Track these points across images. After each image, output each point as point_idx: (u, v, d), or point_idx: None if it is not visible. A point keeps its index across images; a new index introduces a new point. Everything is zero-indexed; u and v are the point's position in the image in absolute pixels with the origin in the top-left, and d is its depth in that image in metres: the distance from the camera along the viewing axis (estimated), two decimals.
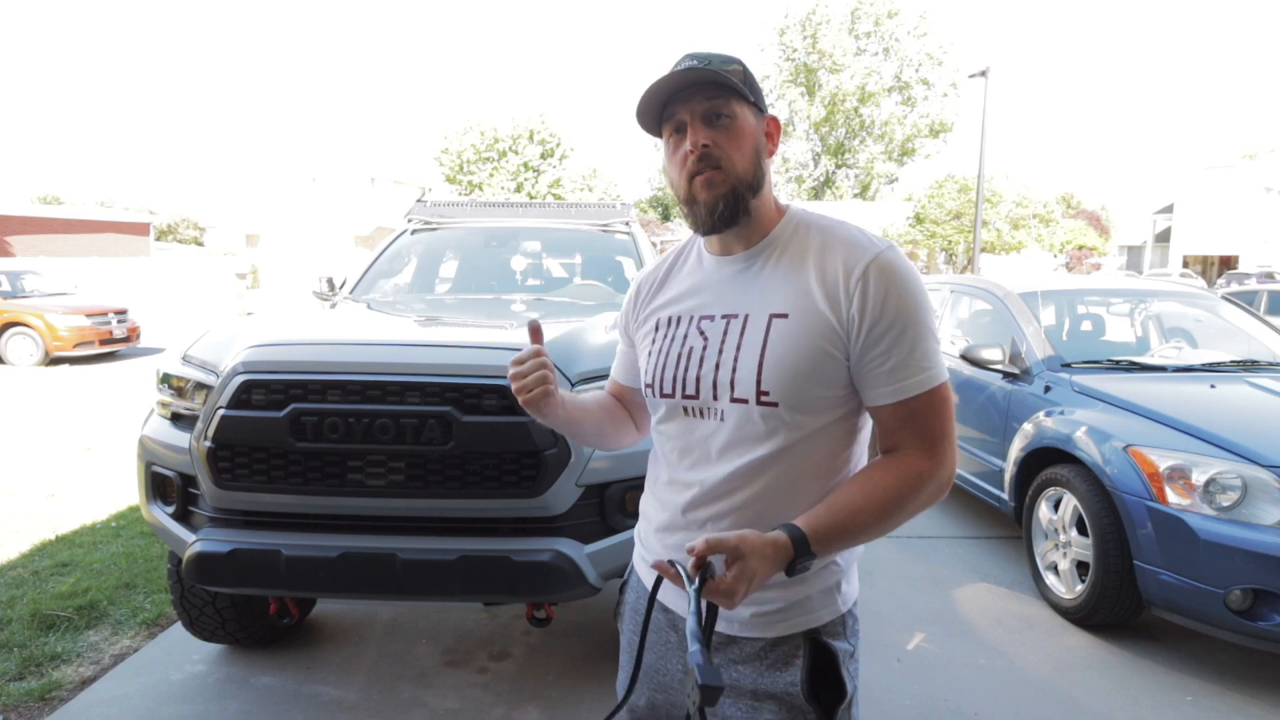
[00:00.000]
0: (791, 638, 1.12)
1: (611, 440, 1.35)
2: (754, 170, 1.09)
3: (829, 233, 1.12)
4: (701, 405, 1.12)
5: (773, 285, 1.10)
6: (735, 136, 1.08)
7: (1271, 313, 10.74)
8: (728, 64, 1.09)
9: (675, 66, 1.09)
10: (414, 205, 4.80)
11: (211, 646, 3.07)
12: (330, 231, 33.74)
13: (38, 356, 11.22)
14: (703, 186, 1.08)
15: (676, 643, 1.19)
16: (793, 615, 1.11)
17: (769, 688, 1.11)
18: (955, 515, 4.82)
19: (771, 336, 1.07)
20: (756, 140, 1.11)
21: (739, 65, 1.11)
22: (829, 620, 1.13)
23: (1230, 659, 3.09)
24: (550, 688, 2.81)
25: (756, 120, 1.11)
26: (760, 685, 1.12)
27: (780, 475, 1.09)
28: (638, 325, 1.27)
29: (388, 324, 3.18)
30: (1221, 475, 2.87)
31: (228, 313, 18.16)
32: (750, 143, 1.09)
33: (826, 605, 1.13)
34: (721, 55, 1.10)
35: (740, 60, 1.12)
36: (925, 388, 1.05)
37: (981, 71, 21.55)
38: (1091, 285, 5.38)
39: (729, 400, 1.09)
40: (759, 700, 1.11)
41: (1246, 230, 37.22)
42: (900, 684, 2.87)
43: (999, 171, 35.80)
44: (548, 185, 32.50)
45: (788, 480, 1.09)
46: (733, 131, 1.08)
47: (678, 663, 1.19)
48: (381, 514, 2.29)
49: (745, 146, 1.09)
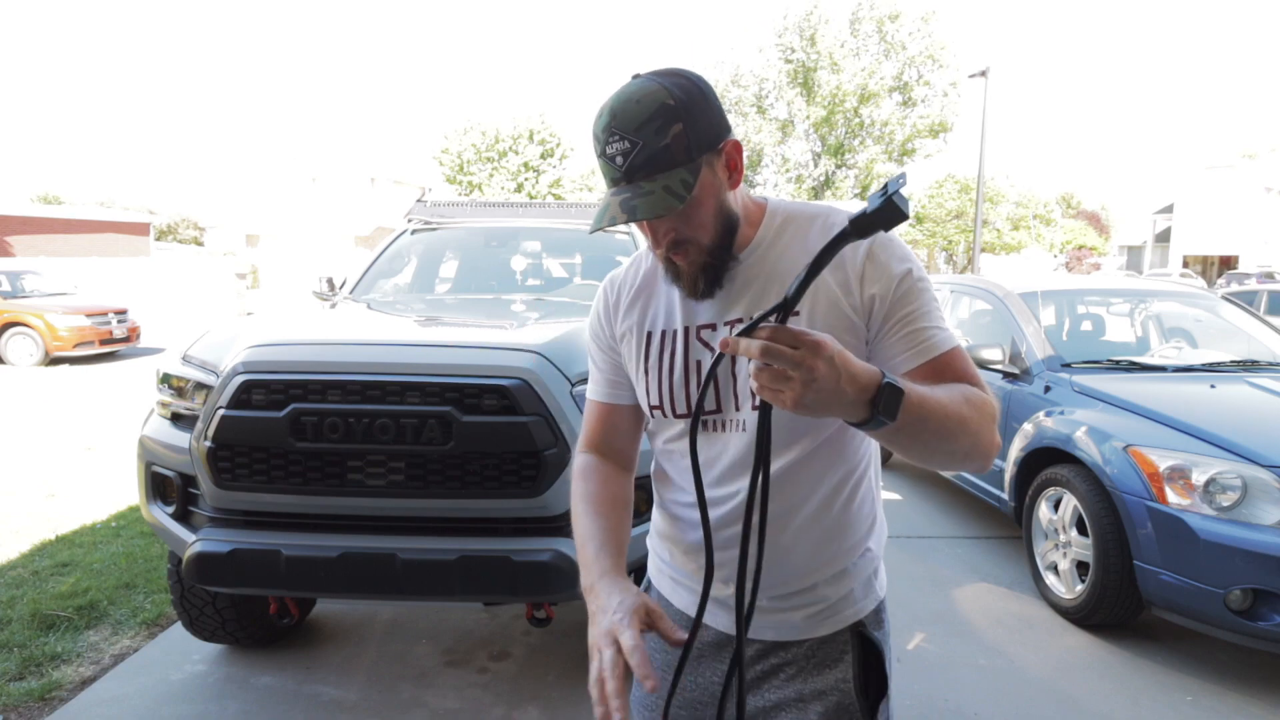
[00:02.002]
0: (839, 634, 1.12)
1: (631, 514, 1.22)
2: (724, 227, 1.03)
3: (817, 219, 1.08)
4: (723, 418, 1.08)
5: (772, 285, 1.06)
6: (695, 214, 1.00)
7: (1271, 313, 10.73)
8: (664, 132, 0.93)
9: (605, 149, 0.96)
10: (414, 205, 4.81)
11: (211, 646, 3.07)
12: (330, 231, 33.74)
13: (38, 356, 11.22)
14: (680, 259, 1.04)
15: (710, 654, 1.18)
16: (840, 609, 1.12)
17: (818, 686, 1.11)
18: (955, 515, 4.82)
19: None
20: (717, 196, 1.01)
21: (678, 122, 0.94)
22: (871, 609, 1.14)
23: (1230, 659, 3.09)
24: (550, 688, 2.81)
25: (713, 168, 0.99)
26: (808, 687, 1.11)
27: (811, 473, 1.07)
28: (620, 336, 1.19)
29: (388, 324, 3.18)
30: (1221, 475, 2.87)
31: (228, 313, 18.16)
32: (711, 207, 1.01)
33: (868, 594, 1.14)
34: (654, 121, 0.93)
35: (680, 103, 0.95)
36: (950, 344, 1.01)
37: (981, 71, 21.54)
38: (1091, 285, 5.38)
39: (751, 408, 1.05)
40: (805, 701, 1.11)
41: (1246, 230, 37.22)
42: (900, 684, 2.87)
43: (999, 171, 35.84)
44: (548, 185, 32.48)
45: (817, 477, 1.08)
46: (691, 212, 0.99)
47: (710, 674, 1.18)
48: (381, 514, 2.29)
49: (707, 218, 1.01)
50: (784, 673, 1.13)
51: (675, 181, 0.95)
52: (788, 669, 1.13)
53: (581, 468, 1.22)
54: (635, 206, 0.94)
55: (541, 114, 33.06)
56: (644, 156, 0.94)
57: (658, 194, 0.94)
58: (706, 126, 0.98)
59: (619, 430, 1.23)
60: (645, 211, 0.93)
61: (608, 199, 0.98)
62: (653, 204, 0.94)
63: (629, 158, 0.94)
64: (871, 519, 1.15)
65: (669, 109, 0.94)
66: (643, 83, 0.96)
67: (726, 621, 1.15)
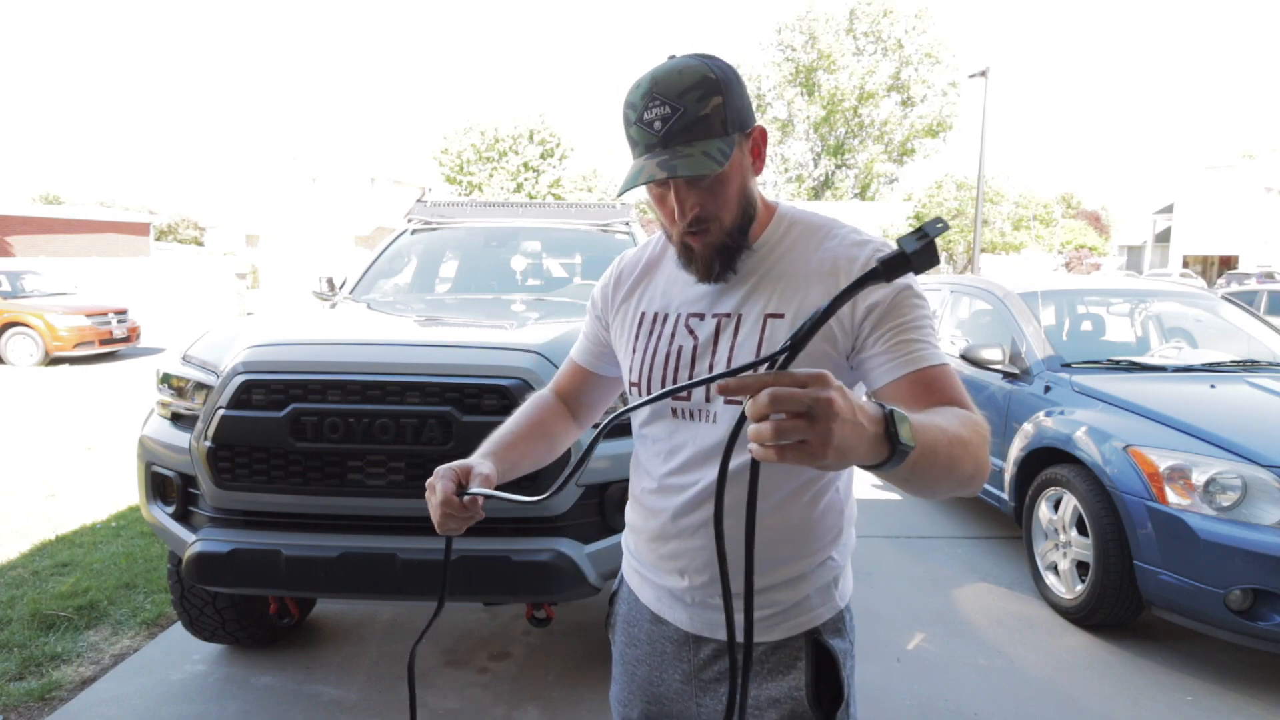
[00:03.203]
0: (793, 640, 1.11)
1: (554, 452, 1.27)
2: (744, 211, 1.05)
3: (822, 231, 1.09)
4: (693, 407, 1.09)
5: (766, 286, 1.07)
6: (723, 190, 1.02)
7: (1271, 313, 10.74)
8: (705, 102, 0.96)
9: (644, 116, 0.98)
10: (414, 205, 4.80)
11: (211, 646, 3.07)
12: (330, 231, 33.75)
13: (38, 356, 11.22)
14: (696, 241, 1.05)
15: (672, 653, 1.18)
16: (794, 615, 1.11)
17: (771, 693, 1.10)
18: (955, 515, 4.82)
19: (767, 337, 1.05)
20: (743, 177, 1.03)
21: (719, 95, 0.97)
22: (829, 618, 1.13)
23: (1230, 659, 3.09)
24: (550, 688, 2.81)
25: (742, 149, 1.02)
26: (763, 692, 1.11)
27: (771, 473, 1.07)
28: (615, 311, 1.22)
29: (388, 324, 3.18)
30: (1221, 475, 2.87)
31: (228, 313, 18.15)
32: (737, 186, 1.03)
33: (825, 602, 1.12)
34: (696, 90, 0.96)
35: (720, 78, 0.98)
36: (939, 360, 1.00)
37: (981, 71, 21.55)
38: (1091, 285, 5.37)
39: (723, 401, 1.06)
40: (761, 708, 1.10)
41: (1246, 230, 37.22)
42: (900, 684, 2.87)
43: (999, 171, 35.82)
44: (548, 185, 32.49)
45: (779, 478, 1.07)
46: (719, 186, 1.01)
47: (673, 673, 1.18)
48: (381, 514, 2.29)
49: (733, 196, 1.03)
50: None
51: (714, 149, 0.97)
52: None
53: (534, 396, 1.32)
54: (675, 166, 0.95)
55: (541, 114, 33.09)
56: (684, 123, 0.96)
57: (697, 157, 0.96)
58: (741, 106, 1.01)
59: (585, 393, 1.32)
60: (686, 169, 0.95)
61: (641, 163, 1.00)
62: (692, 164, 0.95)
63: (669, 122, 0.97)
64: (836, 530, 1.13)
65: (711, 81, 0.97)
66: (685, 59, 1.00)
67: (686, 619, 1.15)
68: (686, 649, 1.16)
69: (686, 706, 1.18)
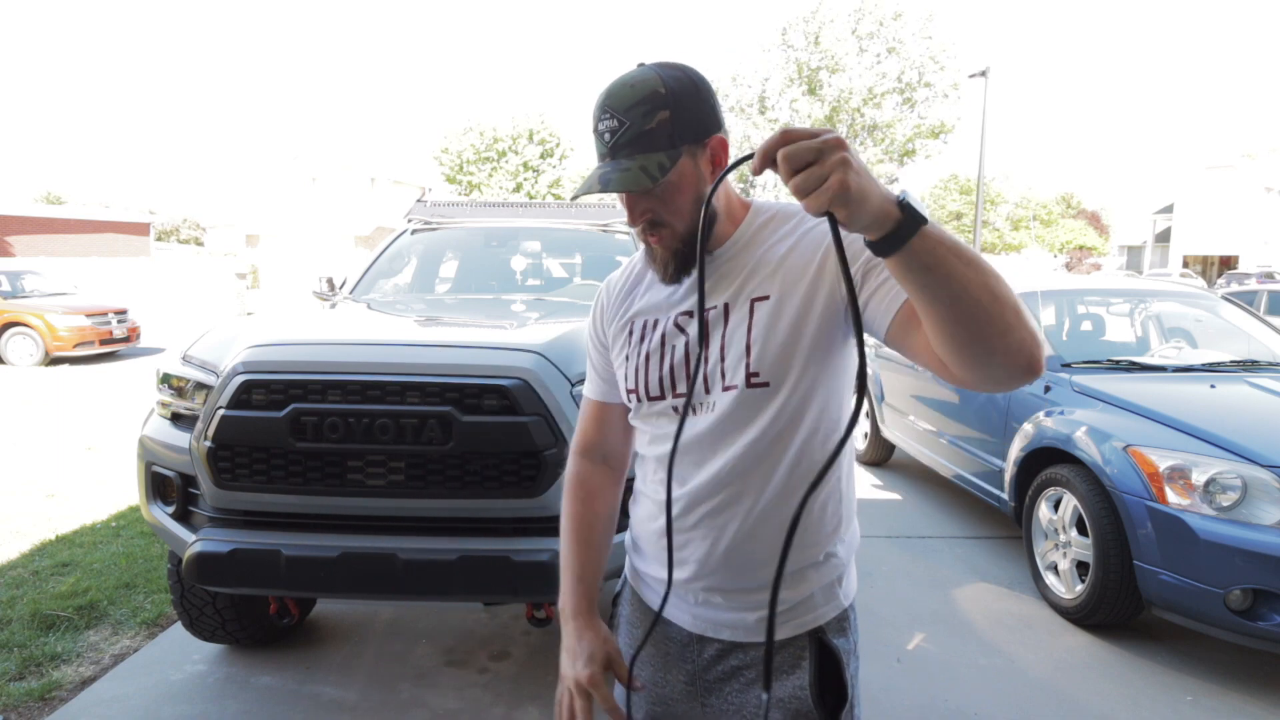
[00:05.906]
0: (797, 639, 1.11)
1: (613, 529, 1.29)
2: (700, 217, 1.05)
3: (795, 216, 1.11)
4: (694, 401, 1.10)
5: (746, 273, 1.09)
6: (673, 199, 1.04)
7: (1271, 313, 10.73)
8: (651, 116, 0.99)
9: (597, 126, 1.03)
10: (414, 205, 4.81)
11: (211, 646, 3.07)
12: (330, 231, 33.77)
13: (38, 356, 11.21)
14: (655, 241, 1.08)
15: (676, 654, 1.18)
16: (798, 614, 1.11)
17: (776, 693, 1.10)
18: (955, 515, 4.82)
19: (756, 320, 1.06)
20: (697, 187, 1.05)
21: (666, 110, 1.00)
22: (832, 617, 1.13)
23: (1230, 659, 3.09)
24: (550, 688, 2.81)
25: (694, 161, 1.03)
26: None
27: (775, 457, 1.07)
28: (610, 330, 1.23)
29: (388, 324, 3.18)
30: (1221, 475, 2.87)
31: (228, 313, 18.15)
32: (690, 194, 1.04)
33: (829, 601, 1.13)
34: (643, 105, 0.99)
35: (670, 91, 1.01)
36: None
37: (982, 72, 21.55)
38: (1091, 285, 5.38)
39: (720, 390, 1.08)
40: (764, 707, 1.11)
41: (1246, 230, 37.23)
42: (900, 684, 2.87)
43: (1000, 172, 35.84)
44: (547, 185, 32.49)
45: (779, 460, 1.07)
46: (670, 195, 1.04)
47: (677, 674, 1.18)
48: (381, 514, 2.29)
49: (685, 204, 1.04)
50: (743, 676, 1.13)
51: (652, 163, 1.00)
52: (747, 672, 1.13)
53: (572, 479, 1.28)
54: (610, 179, 1.00)
55: (541, 114, 33.10)
56: (628, 136, 1.00)
57: (633, 171, 1.00)
58: (693, 119, 1.03)
59: (612, 428, 1.27)
60: (616, 185, 1.00)
61: (595, 170, 1.05)
62: (625, 180, 0.99)
63: (615, 135, 1.01)
64: (837, 521, 1.13)
65: (659, 96, 1.00)
66: (642, 70, 1.03)
67: (689, 619, 1.15)
68: (690, 650, 1.16)
69: (691, 707, 1.18)
